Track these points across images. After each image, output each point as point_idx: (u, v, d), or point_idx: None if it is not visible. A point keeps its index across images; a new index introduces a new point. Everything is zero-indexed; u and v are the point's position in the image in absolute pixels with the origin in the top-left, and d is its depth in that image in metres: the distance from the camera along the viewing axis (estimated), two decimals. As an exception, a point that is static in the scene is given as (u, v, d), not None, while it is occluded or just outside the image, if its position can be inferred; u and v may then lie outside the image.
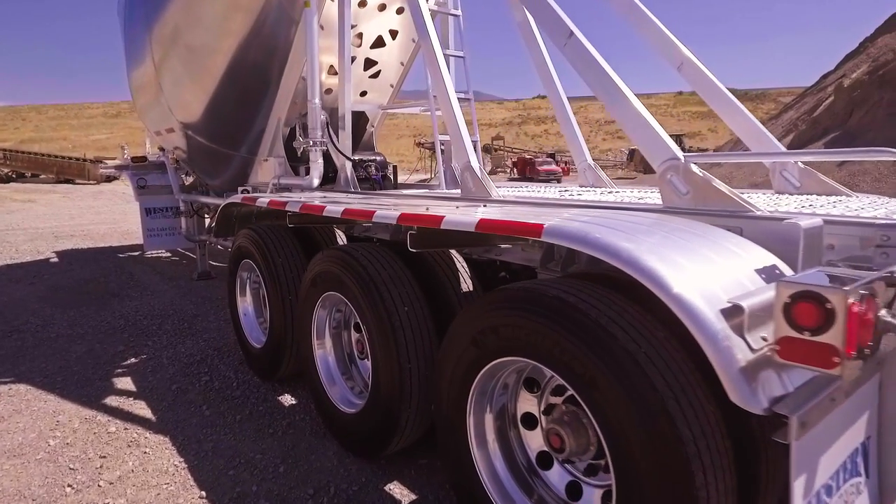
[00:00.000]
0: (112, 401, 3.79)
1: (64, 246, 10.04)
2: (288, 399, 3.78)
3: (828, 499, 1.46)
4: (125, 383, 4.08)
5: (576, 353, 1.70)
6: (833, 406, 1.43)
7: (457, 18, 4.50)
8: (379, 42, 5.17)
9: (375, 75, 5.40)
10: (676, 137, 35.42)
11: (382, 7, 4.93)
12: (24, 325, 5.38)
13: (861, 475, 1.63)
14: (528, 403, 2.23)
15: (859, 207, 2.42)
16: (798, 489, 1.32)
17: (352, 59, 4.61)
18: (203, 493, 2.75)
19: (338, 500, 2.68)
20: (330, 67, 4.98)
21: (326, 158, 4.52)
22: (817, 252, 1.79)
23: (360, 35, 5.03)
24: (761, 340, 1.41)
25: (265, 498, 2.70)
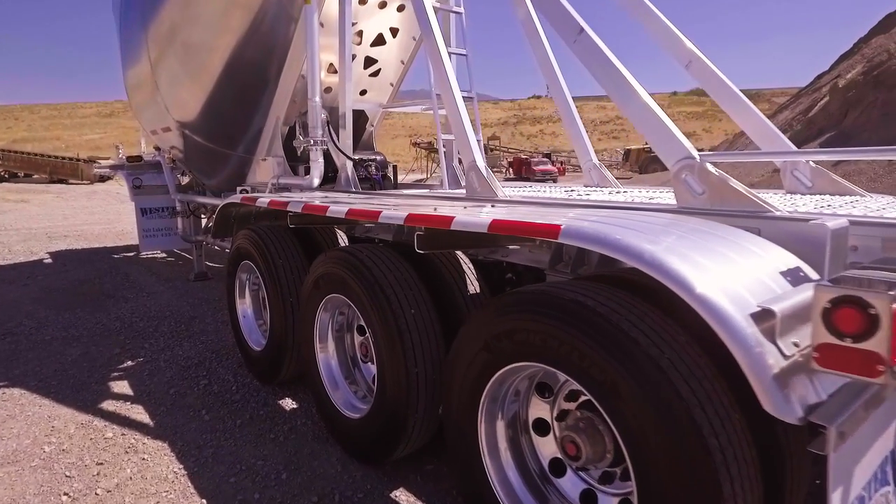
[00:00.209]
0: (109, 405, 3.71)
1: (58, 246, 9.91)
2: (289, 403, 3.71)
3: (860, 510, 1.40)
4: (122, 387, 3.99)
5: (595, 359, 1.64)
6: (867, 415, 1.37)
7: (459, 16, 4.43)
8: (379, 40, 5.11)
9: (375, 74, 5.34)
10: (672, 137, 35.45)
11: (383, 4, 4.86)
12: (18, 328, 5.29)
13: (890, 484, 1.58)
14: (540, 409, 2.16)
15: (880, 207, 2.37)
16: (835, 501, 1.26)
17: (352, 58, 4.54)
18: (204, 502, 2.67)
19: (343, 508, 2.62)
20: (329, 66, 4.92)
21: (326, 158, 4.45)
22: (843, 254, 1.74)
23: (360, 33, 4.97)
24: (793, 346, 1.36)
25: (268, 506, 2.63)
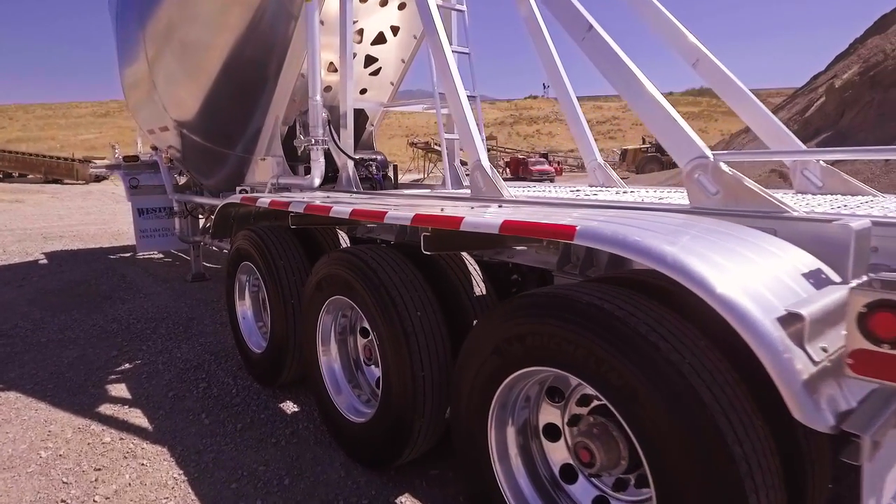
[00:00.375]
0: (106, 409, 3.64)
1: (53, 247, 9.81)
2: (290, 406, 3.65)
3: (890, 520, 1.36)
4: (119, 390, 3.92)
5: (613, 364, 1.59)
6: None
7: (461, 14, 4.37)
8: (380, 38, 5.05)
9: (376, 72, 5.29)
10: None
11: (384, 2, 4.81)
12: (13, 330, 5.21)
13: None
14: (551, 414, 2.11)
15: None
16: (868, 513, 1.22)
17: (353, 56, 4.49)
18: (205, 509, 2.62)
19: (347, 515, 2.57)
20: (329, 64, 4.86)
21: (326, 157, 4.39)
22: (866, 256, 1.69)
23: (361, 31, 4.92)
24: (822, 352, 1.31)
25: (271, 513, 2.58)
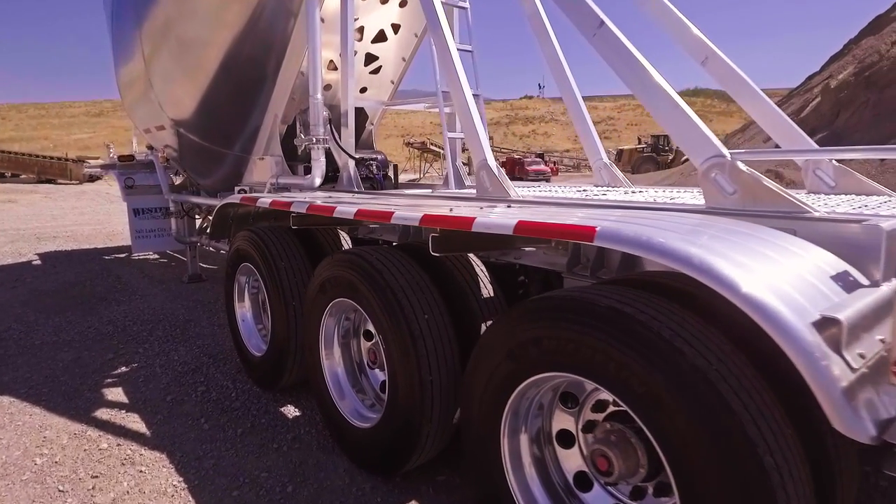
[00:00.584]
0: (103, 414, 3.56)
1: (47, 248, 9.69)
2: (291, 410, 3.58)
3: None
4: (116, 394, 3.84)
5: (635, 370, 1.54)
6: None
7: (464, 11, 4.31)
8: (380, 36, 4.99)
9: (376, 71, 5.23)
10: (665, 137, 35.58)
11: (385, 0, 4.75)
12: (7, 332, 5.11)
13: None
14: (564, 420, 2.05)
15: None
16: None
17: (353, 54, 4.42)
18: (206, 517, 2.55)
19: (353, 523, 2.50)
20: (329, 63, 4.79)
21: (327, 157, 4.32)
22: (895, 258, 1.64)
23: (361, 29, 4.85)
24: (860, 358, 1.26)
25: (274, 521, 2.51)
